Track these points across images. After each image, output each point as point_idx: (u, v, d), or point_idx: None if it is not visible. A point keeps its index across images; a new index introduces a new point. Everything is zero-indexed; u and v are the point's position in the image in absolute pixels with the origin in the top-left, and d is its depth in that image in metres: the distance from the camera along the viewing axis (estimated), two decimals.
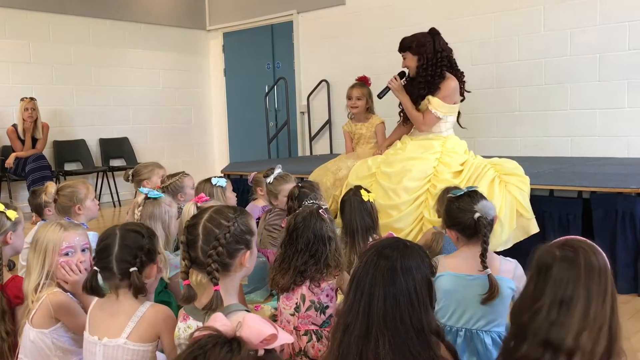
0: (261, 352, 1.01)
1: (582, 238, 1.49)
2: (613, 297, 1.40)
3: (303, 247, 2.21)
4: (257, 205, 3.97)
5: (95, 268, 1.78)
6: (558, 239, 1.50)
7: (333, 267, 2.22)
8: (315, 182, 3.58)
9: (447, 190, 2.97)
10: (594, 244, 1.47)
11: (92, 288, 1.77)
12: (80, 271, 2.02)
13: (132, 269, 1.75)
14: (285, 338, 1.03)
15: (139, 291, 1.76)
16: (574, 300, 1.36)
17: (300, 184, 3.35)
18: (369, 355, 1.39)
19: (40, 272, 2.00)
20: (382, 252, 1.48)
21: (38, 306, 1.96)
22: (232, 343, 0.99)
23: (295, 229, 2.25)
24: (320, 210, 2.29)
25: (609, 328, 1.35)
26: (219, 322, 1.04)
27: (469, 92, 4.03)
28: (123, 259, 1.75)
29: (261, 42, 8.17)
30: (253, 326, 1.02)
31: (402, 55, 3.93)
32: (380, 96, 4.04)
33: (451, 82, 3.83)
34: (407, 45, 3.89)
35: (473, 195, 2.11)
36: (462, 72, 3.95)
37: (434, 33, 3.90)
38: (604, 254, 1.46)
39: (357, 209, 2.81)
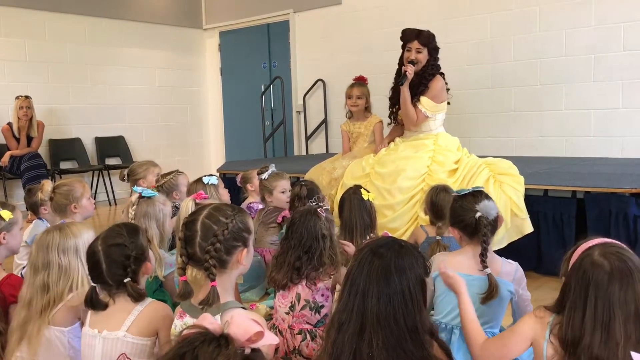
0: (248, 351, 1.03)
1: (610, 240, 1.48)
2: None
3: (296, 243, 2.24)
4: (251, 204, 3.99)
5: (92, 284, 1.80)
6: (589, 245, 1.46)
7: (328, 264, 2.23)
8: (312, 181, 3.59)
9: (434, 188, 3.00)
10: (622, 244, 1.46)
11: (92, 303, 1.79)
12: None
13: (125, 280, 1.77)
14: (271, 338, 1.05)
15: (137, 298, 1.78)
16: None
17: (305, 184, 3.38)
18: (362, 353, 1.40)
19: (82, 271, 2.01)
20: (376, 252, 1.49)
21: (67, 301, 1.96)
22: (220, 340, 1.01)
23: (291, 225, 2.28)
24: (318, 209, 2.31)
25: None
26: (208, 320, 1.06)
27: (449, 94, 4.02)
28: (114, 273, 1.77)
29: (257, 41, 8.17)
30: (240, 324, 1.04)
31: (419, 49, 3.85)
32: (402, 84, 3.87)
33: (438, 82, 3.87)
34: (427, 41, 3.86)
35: (477, 195, 2.12)
36: (444, 74, 3.97)
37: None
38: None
39: (356, 207, 2.83)
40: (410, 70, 3.82)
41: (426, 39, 3.86)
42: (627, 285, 1.37)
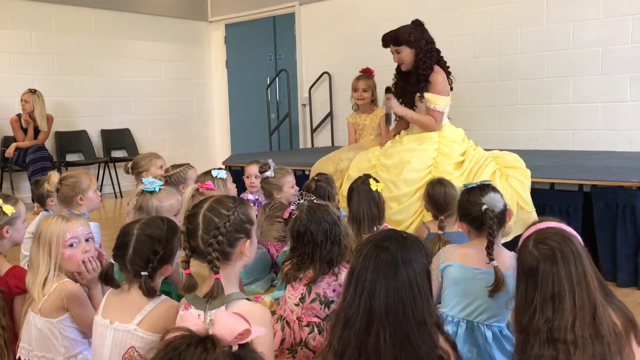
0: (235, 348, 0.99)
1: (554, 225, 1.53)
2: (597, 276, 1.44)
3: (323, 239, 2.16)
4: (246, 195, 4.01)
5: (111, 261, 1.80)
6: (532, 231, 1.53)
7: (349, 247, 2.19)
8: (328, 177, 3.55)
9: (430, 183, 2.99)
10: (564, 228, 1.51)
11: (106, 278, 1.79)
12: (94, 269, 2.08)
13: (143, 273, 1.76)
14: (258, 331, 1.02)
15: (148, 294, 1.76)
16: (562, 294, 1.40)
17: (316, 178, 3.36)
18: (368, 349, 1.40)
19: (47, 264, 2.00)
20: (381, 245, 1.48)
21: (48, 295, 1.97)
22: (206, 342, 0.97)
23: (305, 231, 2.18)
24: (314, 201, 2.29)
25: (595, 309, 1.40)
26: (190, 321, 1.02)
27: (452, 80, 3.96)
28: (135, 263, 1.76)
29: (263, 34, 8.15)
30: (225, 323, 1.00)
31: (397, 50, 3.81)
32: (389, 123, 3.89)
33: (439, 75, 3.80)
34: (403, 38, 3.78)
35: (484, 188, 2.11)
36: (446, 63, 3.92)
37: (419, 24, 3.84)
38: (577, 235, 1.50)
39: (364, 197, 2.81)
40: (390, 104, 3.80)
41: (398, 39, 3.78)
42: (547, 270, 1.43)
